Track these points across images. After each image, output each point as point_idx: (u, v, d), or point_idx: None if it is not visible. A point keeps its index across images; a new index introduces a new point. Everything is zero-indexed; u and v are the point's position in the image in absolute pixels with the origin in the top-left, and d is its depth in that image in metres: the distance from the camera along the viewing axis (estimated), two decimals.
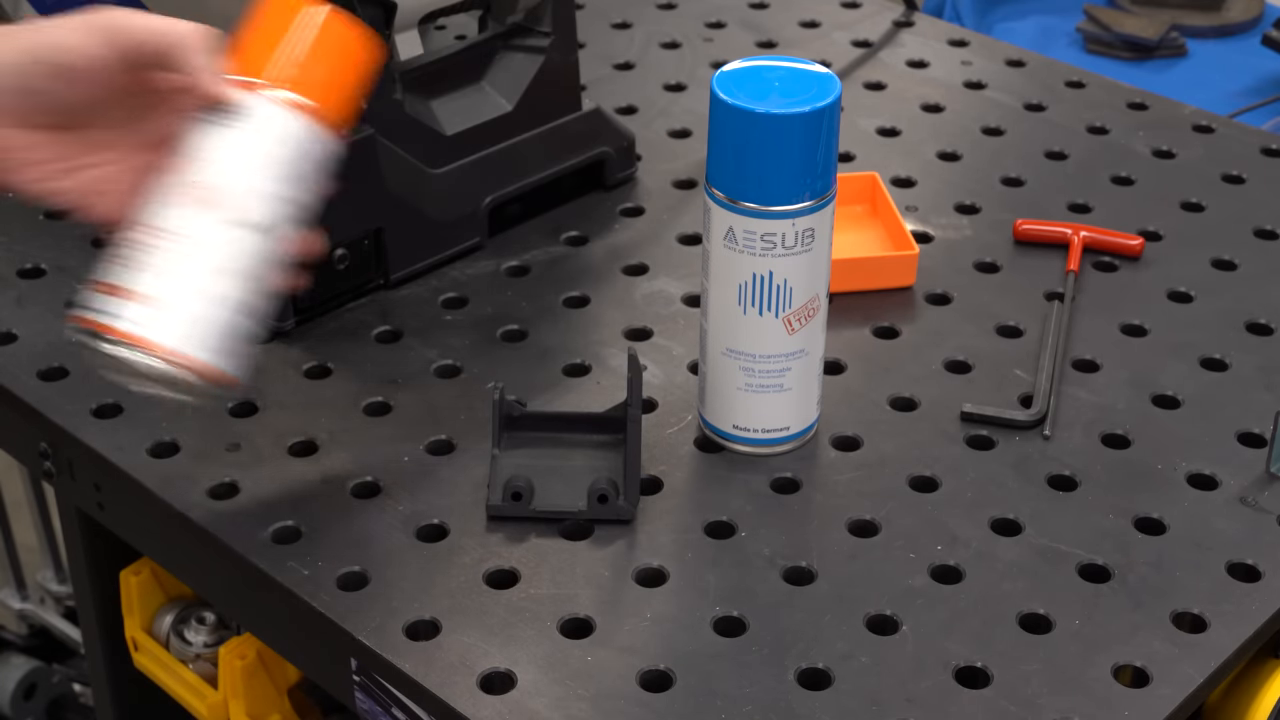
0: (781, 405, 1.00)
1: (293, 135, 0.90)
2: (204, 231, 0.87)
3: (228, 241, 0.88)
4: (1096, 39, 2.17)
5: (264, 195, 0.89)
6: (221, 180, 0.88)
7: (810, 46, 1.49)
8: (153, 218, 0.88)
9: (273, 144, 0.89)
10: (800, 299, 0.97)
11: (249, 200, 0.88)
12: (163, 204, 0.88)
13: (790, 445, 1.01)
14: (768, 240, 0.94)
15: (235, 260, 0.88)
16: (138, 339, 0.86)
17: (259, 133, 0.89)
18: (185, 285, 0.87)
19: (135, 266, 0.87)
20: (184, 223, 0.87)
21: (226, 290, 0.88)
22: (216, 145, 0.88)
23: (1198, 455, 1.01)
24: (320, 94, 0.91)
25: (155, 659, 1.16)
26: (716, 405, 1.01)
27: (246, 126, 0.89)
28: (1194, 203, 1.27)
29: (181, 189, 0.88)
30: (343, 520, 0.96)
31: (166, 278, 0.86)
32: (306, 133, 0.90)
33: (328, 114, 0.91)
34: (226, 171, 0.88)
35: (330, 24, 0.91)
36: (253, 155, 0.89)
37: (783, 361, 0.98)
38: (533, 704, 0.85)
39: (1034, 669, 0.87)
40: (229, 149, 0.88)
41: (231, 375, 0.89)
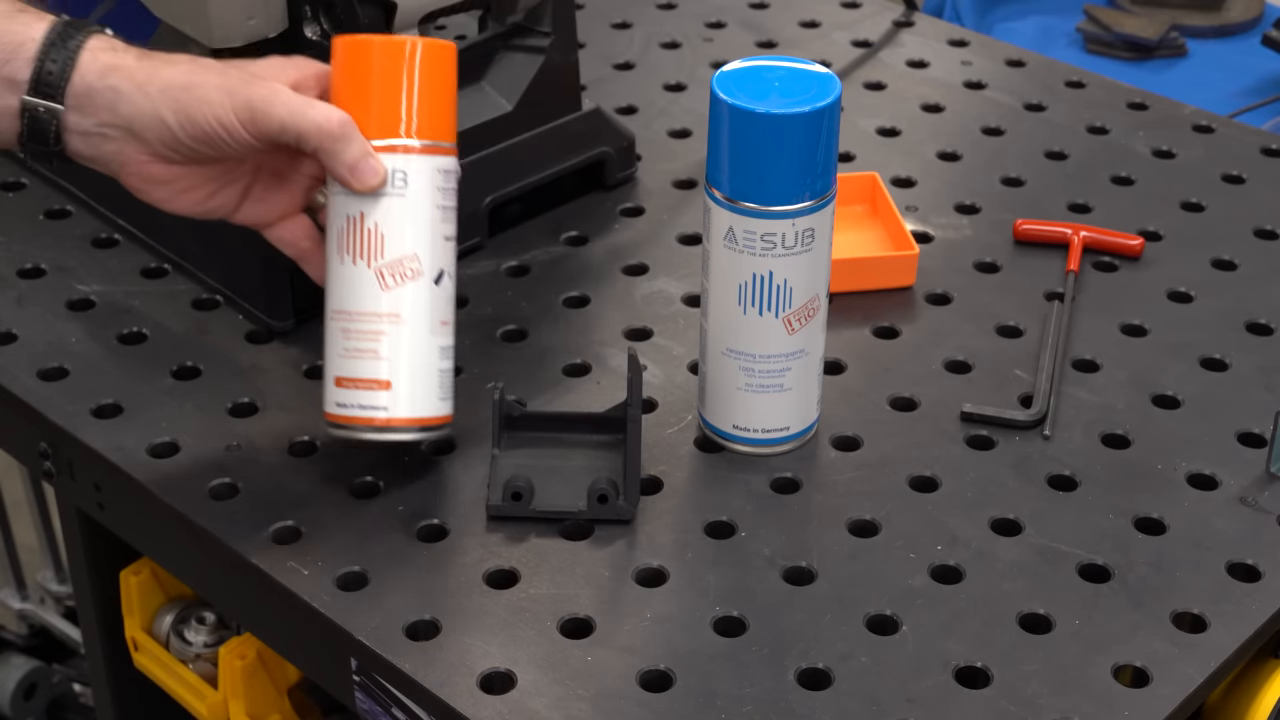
0: (781, 405, 1.00)
1: (443, 177, 0.95)
2: (415, 302, 0.94)
3: (432, 300, 0.95)
4: (1096, 39, 2.17)
5: (442, 244, 0.95)
6: (414, 248, 0.94)
7: (810, 46, 1.49)
8: (364, 303, 0.94)
9: (435, 195, 0.95)
10: (800, 299, 0.97)
11: (436, 255, 0.95)
12: (367, 288, 0.93)
13: (790, 445, 1.01)
14: (768, 240, 0.94)
15: (441, 313, 0.96)
16: (394, 421, 0.95)
17: (422, 191, 0.94)
18: (417, 359, 0.94)
19: (369, 356, 0.94)
20: (397, 302, 0.94)
21: (443, 343, 0.96)
22: (396, 217, 0.93)
23: (1198, 455, 1.01)
24: (445, 127, 0.95)
25: (155, 659, 1.16)
26: (716, 405, 1.01)
27: (410, 189, 0.94)
28: (1194, 203, 1.27)
29: (382, 269, 0.93)
30: (343, 520, 0.96)
31: (401, 358, 0.94)
32: (448, 168, 0.96)
33: (451, 140, 0.96)
34: (414, 239, 0.94)
35: (432, 54, 0.95)
36: (426, 214, 0.94)
37: (783, 361, 0.98)
38: (533, 704, 0.85)
39: (1034, 669, 0.87)
40: (408, 217, 0.94)
41: (450, 415, 0.97)
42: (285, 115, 0.92)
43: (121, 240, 1.21)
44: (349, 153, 0.92)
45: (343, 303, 0.94)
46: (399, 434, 0.95)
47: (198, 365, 1.09)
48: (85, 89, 0.92)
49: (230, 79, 0.92)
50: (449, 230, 0.96)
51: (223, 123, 0.92)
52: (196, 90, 0.92)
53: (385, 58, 0.94)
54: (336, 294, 0.95)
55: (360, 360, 0.94)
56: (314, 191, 0.99)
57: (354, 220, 0.94)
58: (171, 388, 1.07)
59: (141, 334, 1.11)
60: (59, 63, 0.91)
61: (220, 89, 0.92)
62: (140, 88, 0.92)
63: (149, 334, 1.11)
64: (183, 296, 1.15)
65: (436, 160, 0.95)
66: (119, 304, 1.14)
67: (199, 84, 0.92)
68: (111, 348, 1.10)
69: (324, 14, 1.05)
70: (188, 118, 0.91)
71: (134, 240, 1.20)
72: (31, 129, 0.92)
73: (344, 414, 0.95)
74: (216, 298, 1.14)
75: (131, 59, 0.93)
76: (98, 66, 0.92)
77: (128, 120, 0.92)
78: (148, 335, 1.11)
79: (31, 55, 0.91)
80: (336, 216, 0.94)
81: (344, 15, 1.04)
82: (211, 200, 0.97)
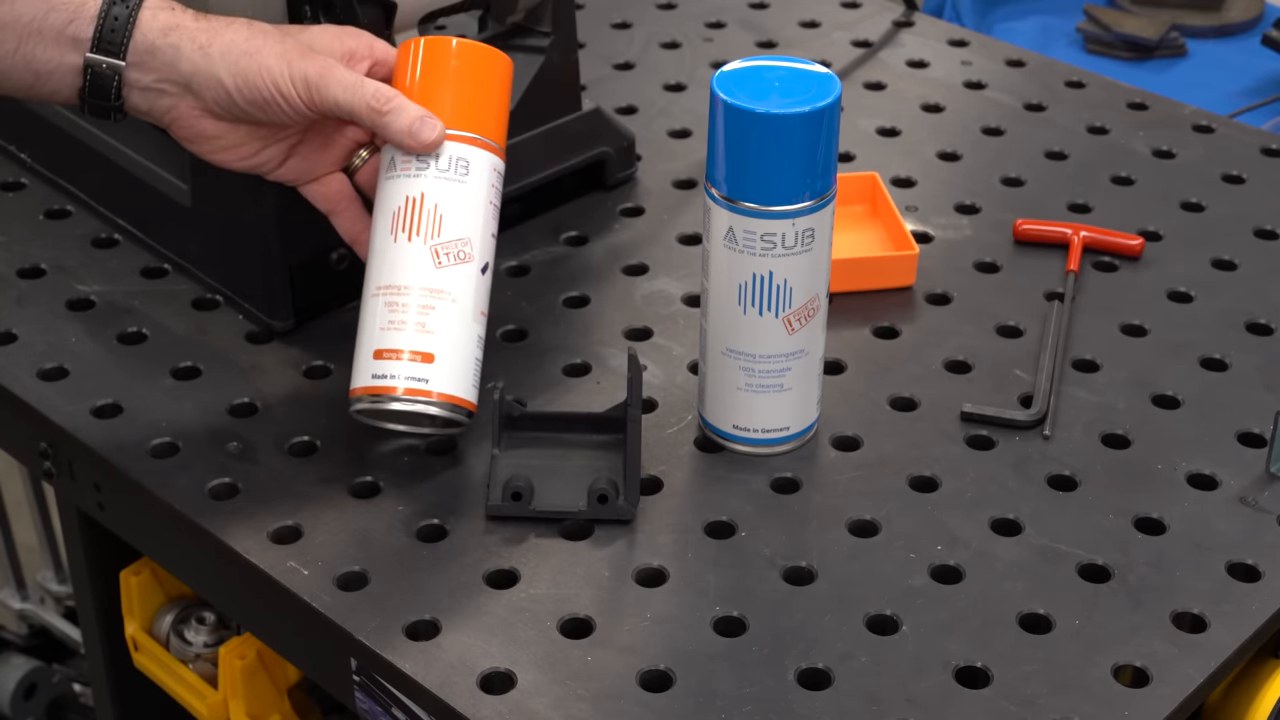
0: (781, 405, 1.00)
1: (496, 176, 0.99)
2: (462, 285, 0.96)
3: (478, 286, 0.97)
4: (1096, 39, 2.17)
5: (489, 238, 0.98)
6: (468, 234, 0.97)
7: (810, 46, 1.49)
8: (416, 278, 0.96)
9: (489, 190, 0.98)
10: (800, 299, 0.97)
11: (485, 246, 0.98)
12: (420, 262, 0.96)
13: (790, 445, 1.01)
14: (768, 240, 0.94)
15: (483, 302, 0.98)
16: (433, 395, 0.95)
17: (480, 181, 0.98)
18: (456, 338, 0.96)
19: (416, 329, 0.95)
20: (449, 281, 0.96)
21: (480, 331, 0.98)
22: (455, 202, 0.97)
23: (1198, 455, 1.01)
24: (501, 131, 1.00)
25: (155, 659, 1.16)
26: (716, 405, 1.01)
27: (470, 177, 0.97)
28: (1194, 203, 1.27)
29: (437, 247, 0.96)
30: (343, 520, 0.96)
31: (441, 335, 0.96)
32: (500, 169, 1.00)
33: (503, 145, 1.00)
34: (470, 224, 0.97)
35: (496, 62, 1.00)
36: (481, 205, 0.98)
37: (783, 361, 0.98)
38: (533, 704, 0.85)
39: (1034, 669, 0.87)
40: (465, 204, 0.97)
41: (476, 405, 0.98)
42: (339, 93, 0.95)
43: (121, 240, 1.21)
44: (400, 121, 0.95)
45: (392, 278, 0.96)
46: (435, 407, 0.96)
47: (198, 365, 1.09)
48: (147, 46, 0.95)
49: (288, 48, 0.95)
50: (494, 228, 0.99)
51: (280, 91, 0.95)
52: (256, 56, 0.95)
53: (465, 58, 0.99)
54: (385, 270, 0.97)
55: (404, 333, 0.95)
56: (354, 154, 1.02)
57: (414, 200, 0.96)
58: (171, 388, 1.07)
59: (141, 334, 1.11)
60: (121, 20, 0.94)
61: (280, 57, 0.95)
62: (201, 49, 0.95)
63: (149, 334, 1.11)
64: (183, 296, 1.15)
65: (494, 159, 0.99)
66: (119, 304, 1.14)
67: (259, 50, 0.95)
68: (111, 348, 1.10)
69: (323, 14, 1.05)
70: (246, 82, 0.94)
71: (134, 240, 1.20)
72: (94, 85, 0.95)
73: (381, 384, 0.95)
74: (216, 298, 1.14)
75: (190, 19, 0.96)
76: (158, 25, 0.95)
77: (186, 78, 0.95)
78: (148, 335, 1.11)
79: (94, 14, 0.94)
80: (394, 196, 0.97)
81: (344, 15, 1.04)
82: (256, 157, 1.00)
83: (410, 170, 0.97)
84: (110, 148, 1.18)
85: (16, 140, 1.29)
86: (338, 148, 1.02)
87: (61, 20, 0.94)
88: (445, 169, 0.97)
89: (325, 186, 1.02)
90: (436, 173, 0.97)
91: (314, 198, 1.03)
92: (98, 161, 1.19)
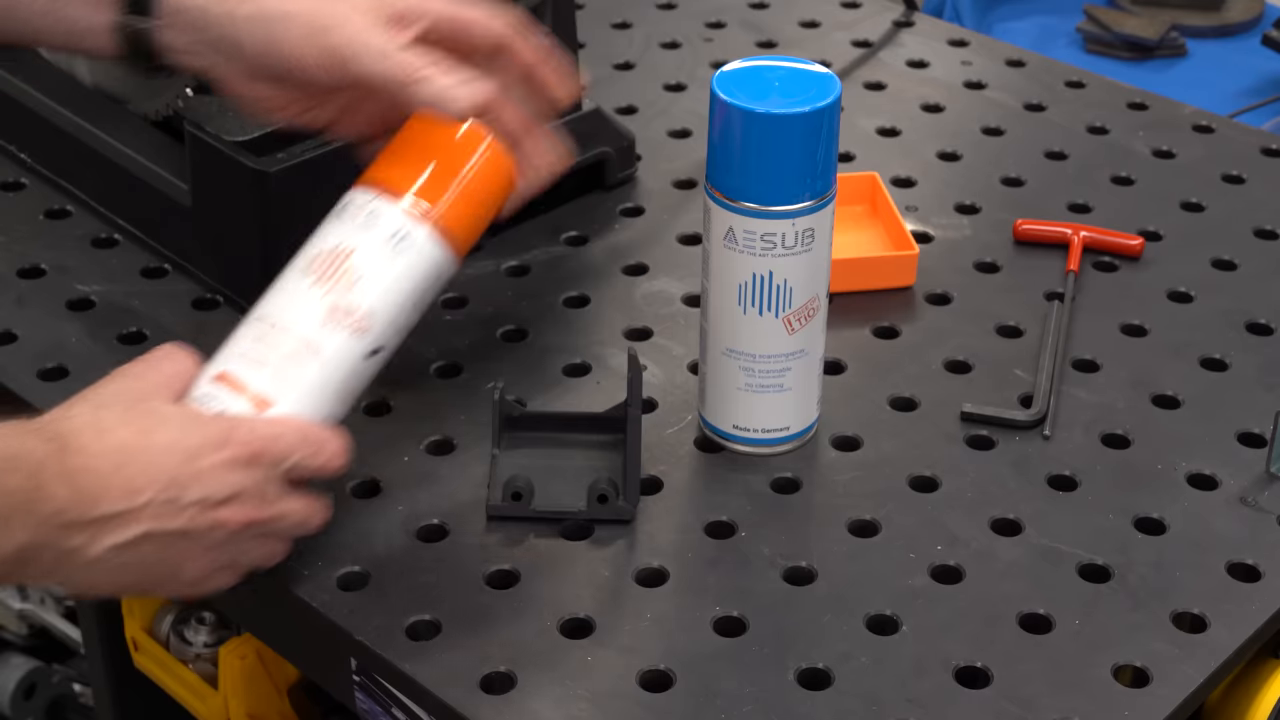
0: (782, 405, 1.00)
1: (443, 270, 0.91)
2: (340, 354, 0.88)
3: (354, 368, 0.89)
4: (1096, 39, 2.17)
5: (402, 327, 0.91)
6: (377, 310, 0.89)
7: (810, 46, 1.49)
8: (295, 319, 0.88)
9: (427, 279, 0.90)
10: (800, 299, 0.97)
11: (390, 332, 0.90)
12: (310, 309, 0.88)
13: (790, 445, 1.01)
14: (768, 240, 0.94)
15: (353, 383, 0.90)
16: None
17: (419, 267, 0.90)
18: (302, 398, 0.87)
19: (260, 361, 0.87)
20: (326, 340, 0.88)
21: (334, 410, 0.89)
22: (382, 273, 0.89)
23: (1198, 455, 1.01)
24: (474, 230, 0.92)
25: (155, 659, 1.16)
26: (716, 405, 1.01)
27: (413, 259, 0.89)
28: (1194, 203, 1.27)
29: (336, 306, 0.88)
30: (343, 520, 0.96)
31: (287, 386, 0.87)
32: (451, 267, 0.92)
33: (469, 246, 0.92)
34: (384, 303, 0.89)
35: (498, 159, 0.92)
36: (409, 290, 0.90)
37: (783, 361, 0.98)
38: (533, 704, 0.85)
39: (1034, 669, 0.87)
40: (392, 280, 0.89)
41: None
42: (368, 66, 0.90)
43: (121, 240, 1.21)
44: (427, 91, 0.90)
45: (280, 313, 0.88)
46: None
47: None
48: (175, 7, 0.92)
49: (319, 13, 0.91)
50: (409, 321, 0.91)
51: (304, 66, 0.91)
52: (279, 25, 0.91)
53: (451, 138, 0.91)
54: (279, 302, 0.89)
55: (259, 372, 0.87)
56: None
57: (340, 252, 0.89)
58: None
59: (141, 334, 1.11)
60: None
61: (306, 26, 0.90)
62: (228, 12, 0.92)
63: (149, 334, 1.11)
64: (183, 296, 1.15)
65: (446, 250, 0.91)
66: (119, 304, 1.14)
67: (287, 16, 0.91)
68: (111, 348, 1.10)
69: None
70: (266, 52, 0.91)
71: (134, 240, 1.20)
72: (131, 47, 0.94)
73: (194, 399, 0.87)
74: (216, 298, 1.14)
75: None
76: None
77: (214, 43, 0.93)
78: (148, 335, 1.11)
79: None
80: (325, 238, 0.90)
81: None
82: (306, 115, 0.96)
83: (359, 219, 0.90)
84: (110, 148, 1.18)
85: (16, 140, 1.29)
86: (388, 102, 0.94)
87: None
88: (390, 236, 0.89)
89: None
90: (379, 236, 0.89)
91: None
92: (98, 161, 1.19)
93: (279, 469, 0.85)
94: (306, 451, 0.85)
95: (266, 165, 1.07)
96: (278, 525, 0.86)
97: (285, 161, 1.07)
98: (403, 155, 0.91)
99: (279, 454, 0.84)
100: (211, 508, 0.82)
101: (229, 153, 1.08)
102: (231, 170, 1.08)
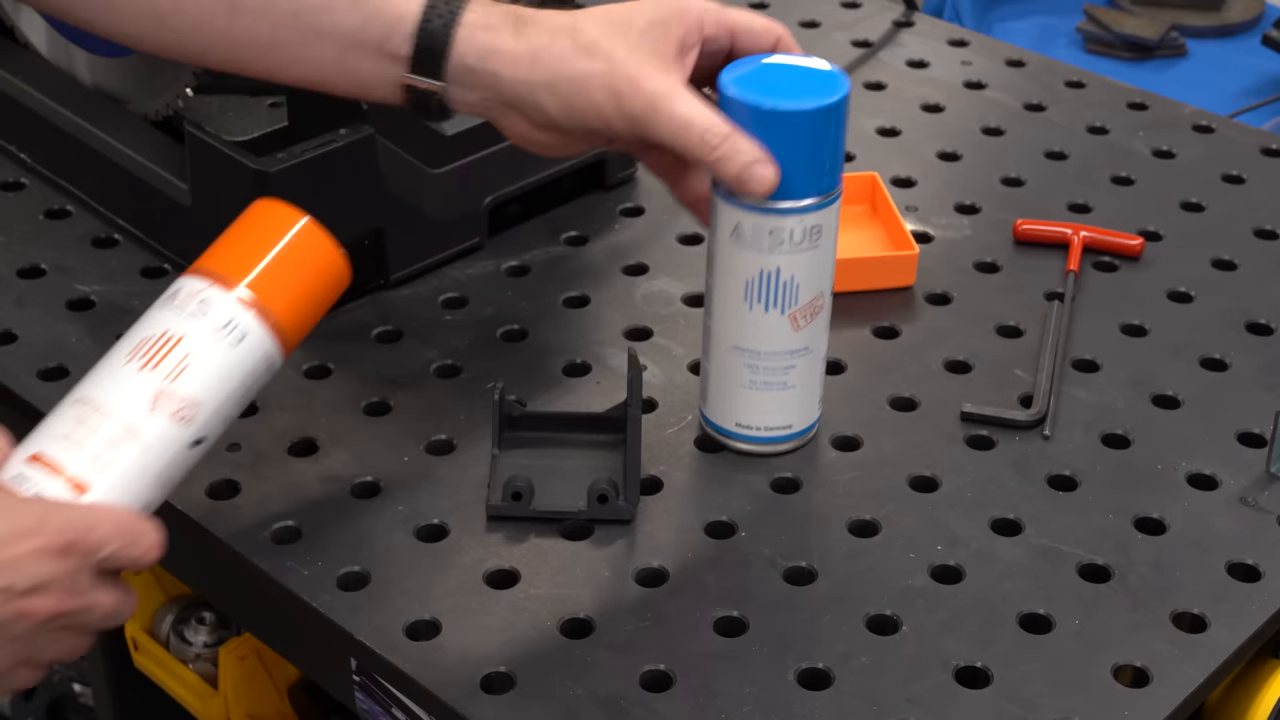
0: (785, 403, 1.00)
1: (273, 362, 0.89)
2: (163, 442, 0.85)
3: (176, 456, 0.85)
4: (1096, 39, 2.17)
5: (227, 416, 0.88)
6: (203, 400, 0.86)
7: (810, 46, 1.48)
8: (118, 403, 0.85)
9: (255, 371, 0.88)
10: (806, 296, 0.97)
11: (215, 421, 0.87)
12: (135, 395, 0.85)
13: (792, 444, 1.01)
14: (775, 237, 0.94)
15: (172, 471, 0.86)
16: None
17: (248, 359, 0.87)
18: (121, 484, 0.83)
19: (79, 444, 0.84)
20: (150, 426, 0.84)
21: (152, 498, 0.85)
22: (210, 362, 0.86)
23: (1198, 455, 1.01)
24: (304, 325, 0.91)
25: (155, 659, 1.16)
26: (720, 403, 1.01)
27: (243, 350, 0.87)
28: (1194, 203, 1.27)
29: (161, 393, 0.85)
30: (343, 520, 0.96)
31: (107, 471, 0.83)
32: (279, 359, 0.89)
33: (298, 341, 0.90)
34: (210, 393, 0.86)
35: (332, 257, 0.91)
36: (237, 381, 0.87)
37: (788, 359, 0.98)
38: (533, 704, 0.85)
39: (1034, 669, 0.87)
40: (220, 370, 0.86)
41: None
42: (666, 134, 0.89)
43: (121, 240, 1.21)
44: (732, 165, 0.90)
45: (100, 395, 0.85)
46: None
47: None
48: (465, 69, 0.91)
49: (616, 74, 0.89)
50: (232, 413, 0.88)
51: (606, 120, 0.90)
52: (580, 84, 0.90)
53: (301, 233, 0.90)
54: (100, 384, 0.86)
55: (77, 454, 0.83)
56: None
57: (170, 338, 0.86)
58: None
59: None
60: (438, 40, 0.90)
61: (606, 90, 0.89)
62: (524, 79, 0.90)
63: None
64: None
65: (277, 346, 0.89)
66: (119, 304, 1.14)
67: (584, 77, 0.89)
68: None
69: None
70: (569, 109, 0.90)
71: (134, 240, 1.20)
72: (418, 103, 0.93)
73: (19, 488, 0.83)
74: None
75: (508, 38, 0.91)
76: (476, 48, 0.91)
77: (509, 101, 0.92)
78: None
79: (410, 31, 0.91)
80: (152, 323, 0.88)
81: None
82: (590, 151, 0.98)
83: (189, 307, 0.87)
84: (110, 148, 1.18)
85: (16, 140, 1.29)
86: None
87: (379, 34, 0.91)
88: (220, 326, 0.87)
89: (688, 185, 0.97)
90: (209, 325, 0.87)
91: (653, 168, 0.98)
92: (98, 161, 1.19)
93: (92, 559, 0.79)
94: (123, 542, 0.80)
95: (266, 165, 1.07)
96: (85, 618, 0.80)
97: (285, 161, 1.07)
98: (238, 245, 0.90)
99: (94, 544, 0.79)
100: (17, 597, 0.77)
101: (229, 153, 1.08)
102: (231, 170, 1.08)
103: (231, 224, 0.91)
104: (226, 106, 1.12)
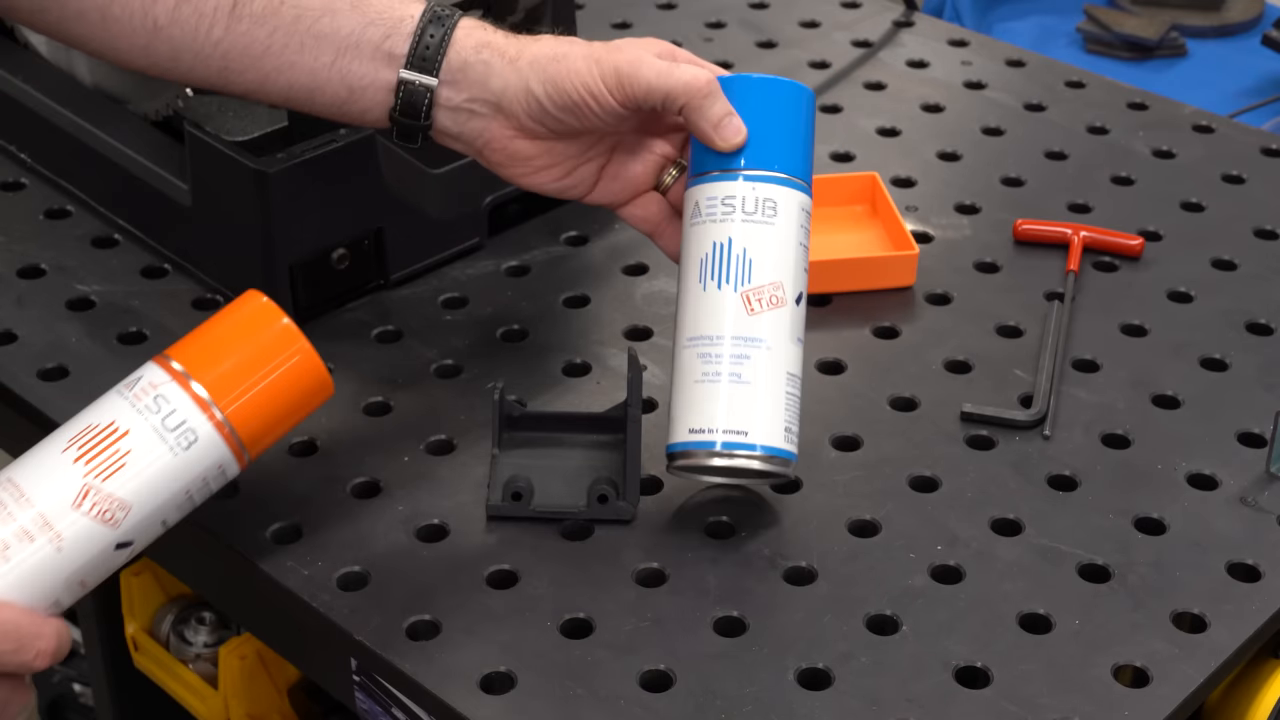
0: (739, 401, 0.91)
1: (225, 472, 0.85)
2: (82, 543, 0.80)
3: (96, 558, 0.81)
4: (1096, 39, 2.17)
5: (162, 524, 0.84)
6: (135, 504, 0.82)
7: (810, 46, 1.49)
8: (43, 492, 0.80)
9: (201, 478, 0.84)
10: (762, 276, 0.92)
11: (146, 526, 0.83)
12: (62, 486, 0.80)
13: (752, 462, 0.92)
14: (728, 204, 0.93)
15: (90, 572, 0.82)
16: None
17: (195, 468, 0.83)
18: (23, 582, 0.79)
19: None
20: (70, 524, 0.80)
21: (61, 597, 0.81)
22: (150, 465, 0.82)
23: (1198, 455, 1.01)
24: (266, 434, 0.86)
25: (155, 659, 1.16)
26: (676, 414, 0.93)
27: (190, 456, 0.83)
28: (1194, 203, 1.27)
29: (90, 489, 0.80)
30: (343, 520, 0.96)
31: (10, 565, 0.79)
32: (234, 470, 0.86)
33: (259, 451, 0.87)
34: (144, 498, 0.82)
35: (308, 363, 0.87)
36: (177, 489, 0.83)
37: (741, 345, 0.91)
38: (533, 704, 0.85)
39: (1034, 669, 0.87)
40: (159, 475, 0.82)
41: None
42: (652, 77, 0.93)
43: (121, 240, 1.21)
44: (715, 109, 0.93)
45: (34, 482, 0.81)
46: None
47: None
48: (460, 64, 0.95)
49: (595, 49, 0.95)
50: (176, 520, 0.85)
51: (590, 90, 0.93)
52: (564, 61, 0.94)
53: (277, 335, 0.86)
54: (30, 464, 0.82)
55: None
56: (664, 171, 1.00)
57: (112, 429, 0.82)
58: None
59: (141, 334, 1.11)
60: (437, 38, 0.94)
61: (586, 58, 0.94)
62: (511, 62, 0.95)
63: (149, 334, 1.11)
64: (183, 296, 1.15)
65: (230, 455, 0.84)
66: (119, 304, 1.14)
67: (565, 55, 0.94)
68: (111, 348, 1.10)
69: None
70: (556, 87, 0.94)
71: (134, 240, 1.20)
72: (405, 103, 0.95)
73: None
74: (216, 298, 1.14)
75: (500, 37, 0.96)
76: (471, 42, 0.95)
77: (497, 95, 0.95)
78: (148, 335, 1.11)
79: (410, 30, 0.94)
80: (99, 409, 0.84)
81: None
82: (568, 178, 0.99)
83: (144, 399, 0.83)
84: (110, 148, 1.18)
85: (16, 140, 1.29)
86: (648, 163, 0.99)
87: (379, 35, 0.94)
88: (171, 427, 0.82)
89: (642, 208, 1.00)
90: (158, 423, 0.82)
91: (634, 221, 1.01)
92: (98, 161, 1.19)
93: None
94: (8, 648, 0.77)
95: (266, 165, 1.07)
96: None
97: (285, 161, 1.07)
98: (211, 338, 0.86)
99: None
100: None
101: (229, 153, 1.08)
102: (231, 170, 1.08)
103: (219, 310, 0.88)
104: (226, 106, 1.12)
